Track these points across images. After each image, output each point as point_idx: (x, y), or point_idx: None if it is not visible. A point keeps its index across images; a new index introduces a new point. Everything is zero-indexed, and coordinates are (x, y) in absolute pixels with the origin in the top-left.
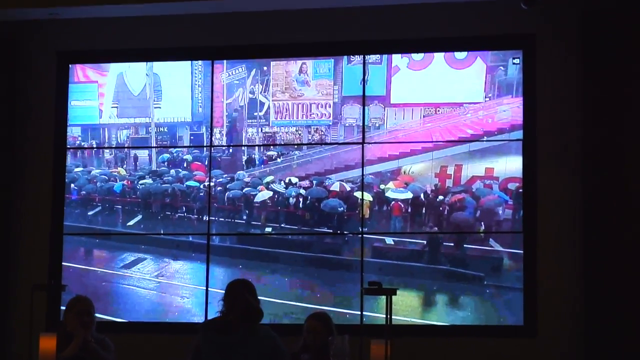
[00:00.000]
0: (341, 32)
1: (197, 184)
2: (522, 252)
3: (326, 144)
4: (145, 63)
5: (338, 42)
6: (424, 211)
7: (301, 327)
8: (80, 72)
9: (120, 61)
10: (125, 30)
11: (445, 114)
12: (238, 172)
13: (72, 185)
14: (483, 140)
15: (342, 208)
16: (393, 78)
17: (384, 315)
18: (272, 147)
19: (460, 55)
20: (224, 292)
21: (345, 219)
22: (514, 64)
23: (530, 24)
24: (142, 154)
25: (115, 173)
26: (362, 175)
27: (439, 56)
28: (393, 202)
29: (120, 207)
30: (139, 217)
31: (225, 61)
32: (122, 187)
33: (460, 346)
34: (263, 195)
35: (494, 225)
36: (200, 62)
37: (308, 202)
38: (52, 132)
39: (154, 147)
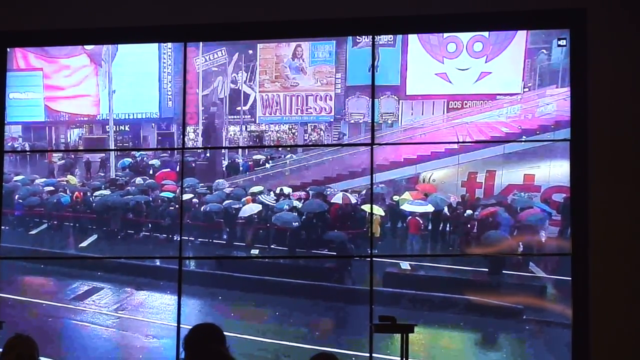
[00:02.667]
0: (345, 6)
1: (169, 195)
2: (570, 279)
3: (326, 145)
4: (102, 47)
5: (341, 20)
6: (448, 228)
7: None
8: (21, 58)
9: (71, 44)
10: (78, 6)
11: (474, 108)
12: (217, 181)
13: (17, 198)
14: (521, 141)
15: (296, 223)
16: (409, 64)
17: (399, 358)
18: (259, 149)
19: (493, 35)
20: (184, 338)
21: (350, 237)
22: (559, 46)
23: None
24: (97, 158)
25: (64, 182)
26: (372, 184)
27: (465, 37)
28: (410, 218)
29: (70, 224)
30: (95, 237)
31: (200, 43)
32: (71, 200)
33: None
34: (249, 209)
35: (536, 246)
36: (169, 44)
37: (304, 217)
38: None
39: (112, 149)
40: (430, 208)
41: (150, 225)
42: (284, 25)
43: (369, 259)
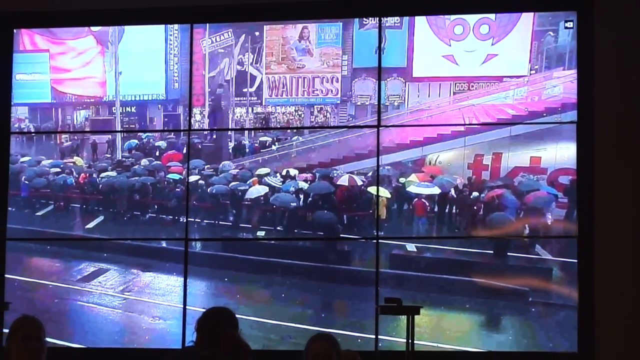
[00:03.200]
0: None
1: (176, 177)
2: (576, 261)
3: (333, 127)
4: (108, 28)
5: (348, 1)
6: (454, 210)
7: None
8: (27, 39)
9: (77, 25)
10: None
11: (481, 91)
12: (223, 163)
13: (23, 179)
14: (528, 123)
15: (294, 204)
16: (416, 46)
17: (404, 340)
18: (265, 131)
19: (499, 18)
20: (197, 321)
21: (357, 220)
22: (566, 28)
23: None
24: (104, 140)
25: (71, 164)
26: (378, 166)
27: (472, 19)
28: (416, 200)
29: (77, 205)
30: (101, 218)
31: (207, 25)
32: (75, 182)
33: None
34: (255, 191)
35: (542, 229)
36: (176, 25)
37: (310, 199)
38: None
39: (119, 131)
40: (436, 190)
41: (156, 207)
42: (290, 7)
43: (374, 241)
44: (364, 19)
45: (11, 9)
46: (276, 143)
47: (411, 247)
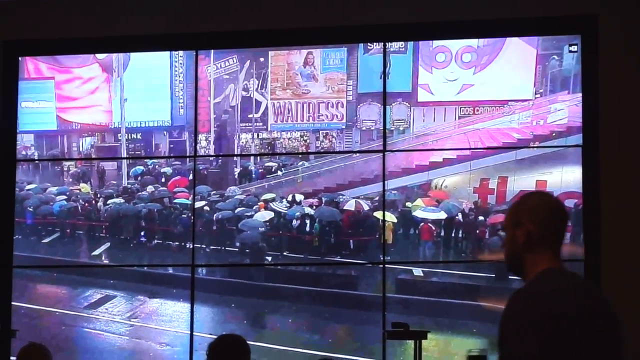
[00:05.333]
0: (356, 14)
1: (184, 202)
2: None
3: (338, 152)
4: (113, 55)
5: (352, 27)
6: (460, 235)
7: None
8: (32, 67)
9: (82, 52)
10: (89, 15)
11: (485, 115)
12: (229, 188)
13: (28, 206)
14: (533, 147)
15: (262, 228)
16: (420, 71)
17: None
18: (271, 157)
19: (484, 45)
20: (209, 347)
21: (362, 245)
22: (570, 52)
23: (590, 3)
24: (110, 166)
25: (77, 191)
26: (384, 190)
27: (476, 43)
28: (422, 224)
29: (83, 232)
30: (107, 244)
31: (212, 51)
32: (83, 208)
33: None
34: (261, 216)
35: None
36: (181, 52)
37: (317, 224)
38: None
39: (124, 158)
40: (442, 214)
41: (162, 233)
42: (295, 33)
43: (381, 266)
44: (369, 44)
45: (16, 37)
46: (282, 169)
47: (418, 271)
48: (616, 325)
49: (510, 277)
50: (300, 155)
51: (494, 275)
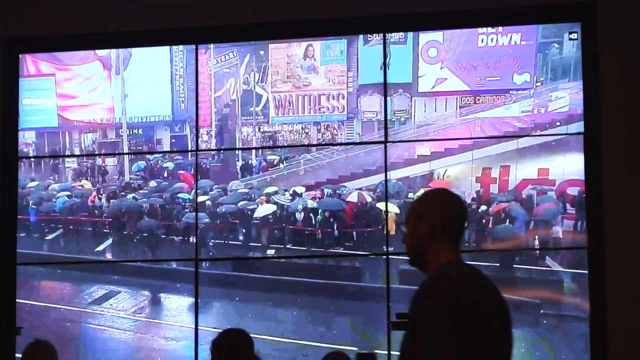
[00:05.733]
0: (355, 5)
1: (186, 197)
2: (587, 272)
3: (340, 144)
4: (112, 51)
5: (352, 18)
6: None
7: None
8: (32, 66)
9: (82, 48)
10: (88, 12)
11: (487, 104)
12: (232, 182)
13: (30, 203)
14: (535, 135)
15: (206, 219)
16: (421, 61)
17: None
18: (273, 150)
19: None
20: (213, 342)
21: (366, 236)
22: (570, 39)
23: None
24: (113, 162)
25: (79, 187)
26: (386, 181)
27: (476, 33)
28: None
29: (87, 229)
30: (109, 241)
31: (212, 45)
32: (86, 204)
33: None
34: (264, 209)
35: (551, 240)
36: (181, 46)
37: (320, 217)
38: (0, 138)
39: (126, 153)
40: None
41: (165, 228)
42: (294, 25)
43: (384, 257)
44: (369, 35)
45: (16, 35)
46: (284, 162)
47: None
48: (508, 312)
49: (514, 265)
50: (301, 148)
51: (498, 265)
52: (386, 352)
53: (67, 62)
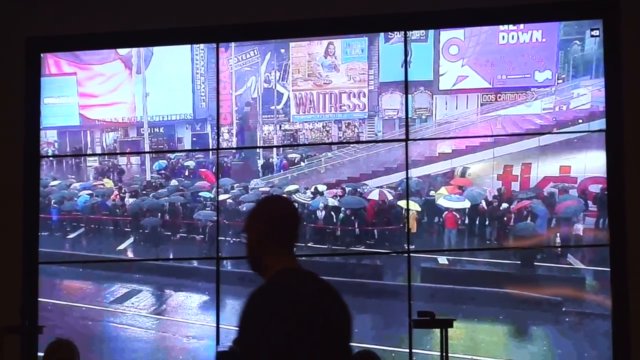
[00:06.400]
0: (377, 3)
1: (207, 195)
2: (609, 269)
3: (361, 142)
4: (132, 49)
5: (373, 16)
6: (485, 222)
7: None
8: (54, 65)
9: (104, 48)
10: (110, 11)
11: (508, 101)
12: (253, 181)
13: (52, 202)
14: (556, 133)
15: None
16: (442, 59)
17: (439, 353)
18: (294, 148)
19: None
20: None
21: (387, 234)
22: (592, 36)
23: None
24: (134, 161)
25: (101, 186)
26: (407, 179)
27: (497, 30)
28: (446, 212)
29: (108, 227)
30: (131, 239)
31: (233, 44)
32: (109, 204)
33: None
34: None
35: (573, 238)
36: (202, 45)
37: (341, 215)
38: (23, 137)
39: (147, 152)
40: (466, 203)
41: (186, 227)
42: (315, 23)
43: (406, 255)
44: (390, 33)
45: (38, 34)
46: (305, 160)
47: (443, 259)
48: (348, 317)
49: (535, 263)
50: (322, 146)
51: (519, 262)
52: (407, 350)
53: (89, 61)
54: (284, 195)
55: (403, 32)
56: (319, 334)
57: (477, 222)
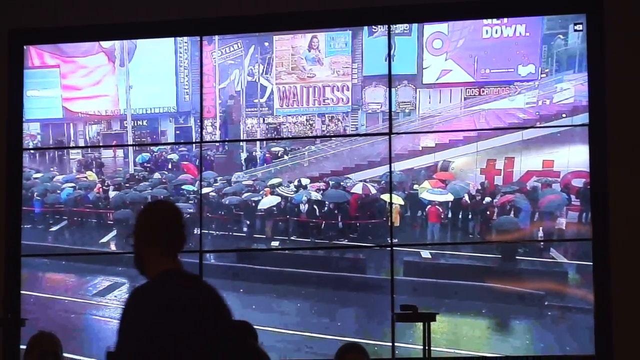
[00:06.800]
0: None
1: (190, 188)
2: (591, 264)
3: (344, 135)
4: (116, 42)
5: (356, 9)
6: (469, 216)
7: None
8: (37, 58)
9: (87, 40)
10: (92, 3)
11: (491, 95)
12: (236, 174)
13: (35, 195)
14: (539, 127)
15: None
16: (426, 53)
17: (421, 347)
18: (277, 141)
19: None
20: None
21: (370, 228)
22: (576, 31)
23: None
24: (117, 154)
25: (84, 179)
26: (390, 173)
27: (481, 24)
28: (429, 206)
29: (93, 220)
30: (114, 232)
31: (216, 37)
32: (92, 196)
33: None
34: (268, 201)
35: (556, 232)
36: (185, 38)
37: (325, 208)
38: (4, 129)
39: (130, 145)
40: (449, 196)
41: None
42: (299, 17)
43: (389, 249)
44: (373, 26)
45: (20, 26)
46: (288, 153)
47: (426, 253)
48: (221, 320)
49: (517, 257)
50: (306, 140)
51: (500, 256)
52: (390, 344)
53: (72, 54)
54: (169, 201)
55: (387, 26)
56: (182, 336)
57: (460, 216)
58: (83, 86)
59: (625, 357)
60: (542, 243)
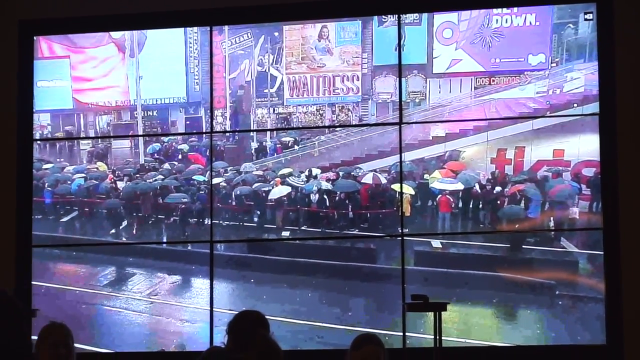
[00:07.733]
0: None
1: (201, 178)
2: (602, 253)
3: (355, 125)
4: (126, 33)
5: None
6: (479, 206)
7: (334, 355)
8: (47, 48)
9: (97, 30)
10: None
11: (501, 85)
12: (246, 164)
13: (46, 185)
14: (550, 116)
15: (185, 199)
16: (436, 42)
17: (432, 336)
18: (287, 131)
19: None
20: (228, 324)
21: (380, 217)
22: (586, 20)
23: None
24: (126, 144)
25: (95, 170)
26: (400, 163)
27: (490, 13)
28: (440, 196)
29: (104, 211)
30: (124, 223)
31: (226, 27)
32: (103, 187)
33: None
34: (278, 191)
35: (567, 221)
36: (195, 28)
37: (336, 198)
38: (15, 120)
39: (141, 135)
40: (460, 186)
41: (180, 210)
42: (309, 7)
43: (399, 238)
44: (383, 16)
45: (31, 17)
46: (298, 143)
47: (436, 243)
48: None
49: (527, 247)
50: (316, 129)
51: (508, 246)
52: (401, 334)
53: (82, 45)
54: None
55: (397, 16)
56: None
57: (470, 206)
58: (93, 77)
59: (636, 346)
60: (552, 233)
